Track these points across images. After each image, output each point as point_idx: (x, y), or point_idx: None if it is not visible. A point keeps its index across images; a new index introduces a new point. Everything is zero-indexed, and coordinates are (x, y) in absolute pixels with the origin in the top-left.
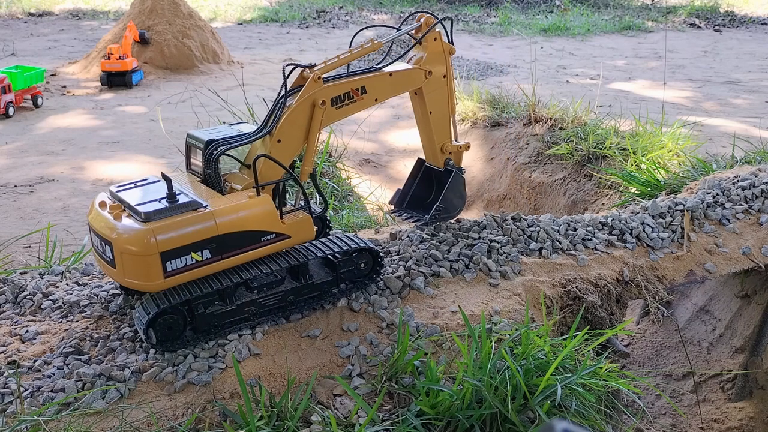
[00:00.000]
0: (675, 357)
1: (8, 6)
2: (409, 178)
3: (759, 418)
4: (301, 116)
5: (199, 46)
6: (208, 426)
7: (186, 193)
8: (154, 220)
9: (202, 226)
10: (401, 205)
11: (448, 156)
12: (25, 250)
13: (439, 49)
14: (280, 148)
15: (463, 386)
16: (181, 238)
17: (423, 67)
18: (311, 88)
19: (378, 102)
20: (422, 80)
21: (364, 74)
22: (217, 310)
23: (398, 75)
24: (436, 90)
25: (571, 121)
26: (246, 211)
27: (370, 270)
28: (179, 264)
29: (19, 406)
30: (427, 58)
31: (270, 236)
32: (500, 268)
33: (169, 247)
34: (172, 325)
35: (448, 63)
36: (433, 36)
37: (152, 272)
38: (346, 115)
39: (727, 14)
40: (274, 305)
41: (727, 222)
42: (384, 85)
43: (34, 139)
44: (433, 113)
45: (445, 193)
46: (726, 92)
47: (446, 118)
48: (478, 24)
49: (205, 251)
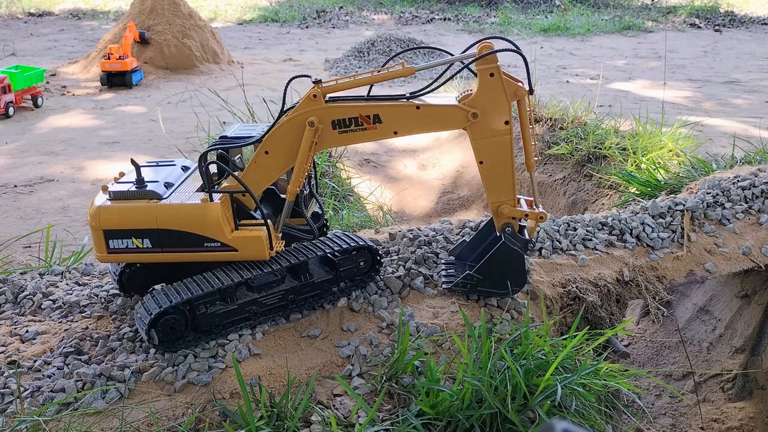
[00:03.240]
0: (675, 357)
1: (8, 6)
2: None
3: (759, 418)
4: (291, 133)
5: (199, 46)
6: (208, 426)
7: (161, 182)
8: (114, 200)
9: (144, 216)
10: (455, 253)
11: (507, 221)
12: (25, 250)
13: (496, 89)
14: (267, 159)
15: (463, 386)
16: (123, 222)
17: (467, 106)
18: (305, 106)
19: (399, 135)
20: (463, 122)
21: (383, 101)
22: (219, 310)
23: (429, 110)
24: (489, 138)
25: (571, 121)
26: (189, 214)
27: (369, 268)
28: (120, 245)
29: (19, 406)
30: (476, 96)
31: (214, 244)
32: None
33: (110, 227)
34: (174, 325)
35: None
36: (489, 70)
37: (99, 245)
38: (353, 142)
39: (727, 14)
40: (274, 304)
41: (727, 222)
42: (407, 119)
43: (34, 139)
44: (485, 164)
45: (484, 264)
46: (726, 92)
47: (505, 174)
48: (478, 24)
49: (146, 240)
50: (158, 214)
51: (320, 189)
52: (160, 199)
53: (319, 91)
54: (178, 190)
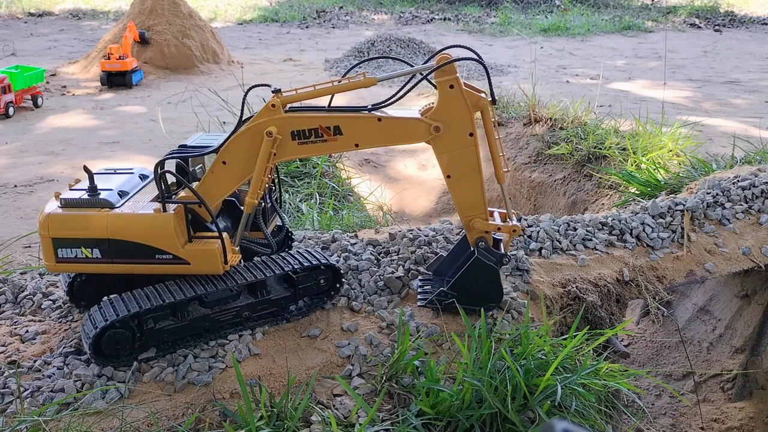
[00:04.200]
0: (675, 357)
1: (8, 6)
2: (456, 245)
3: (759, 418)
4: (249, 143)
5: (199, 46)
6: (208, 426)
7: (115, 191)
8: (65, 208)
9: (94, 225)
10: (432, 268)
11: (480, 235)
12: (25, 250)
13: (457, 102)
14: (224, 169)
15: (463, 386)
16: (73, 231)
17: (429, 119)
18: (263, 115)
19: (360, 148)
20: (426, 135)
21: (344, 113)
22: (169, 325)
23: (390, 123)
24: (454, 152)
25: (571, 121)
26: (141, 224)
27: (330, 287)
28: (69, 254)
29: (19, 406)
30: (437, 109)
31: (166, 256)
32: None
33: (59, 236)
34: (120, 340)
35: (484, 117)
36: (448, 82)
37: (48, 254)
38: (313, 153)
39: (727, 14)
40: (228, 321)
41: (727, 222)
42: (368, 131)
43: (34, 139)
44: (453, 178)
45: (458, 280)
46: (726, 92)
47: (473, 187)
48: (478, 24)
49: (95, 250)
50: (109, 223)
51: (320, 189)
52: (112, 207)
53: (278, 101)
54: (133, 199)
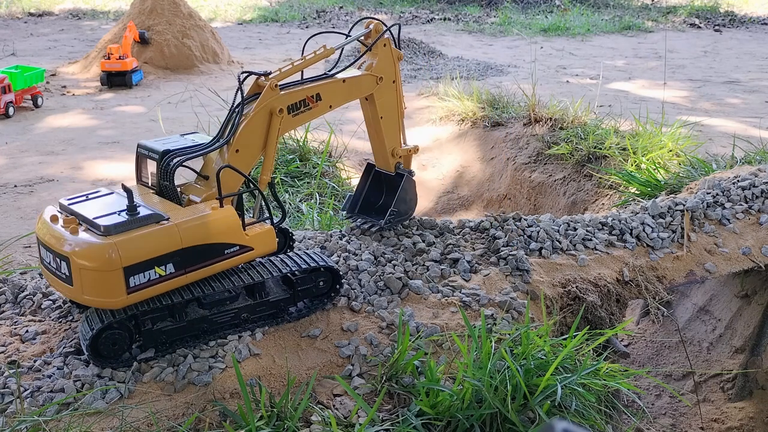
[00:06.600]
0: (675, 357)
1: (8, 6)
2: (360, 184)
3: (759, 418)
4: (259, 125)
5: (199, 46)
6: (208, 426)
7: (145, 206)
8: (114, 234)
9: (166, 239)
10: (353, 211)
11: (398, 160)
12: (25, 250)
13: (388, 56)
14: (239, 157)
15: (463, 386)
16: (145, 252)
17: (374, 73)
18: (268, 96)
19: (332, 109)
20: (374, 86)
21: (319, 81)
22: (167, 327)
23: (351, 81)
24: (387, 95)
25: (571, 121)
26: (210, 224)
27: (330, 288)
28: (142, 279)
29: (19, 406)
30: (377, 64)
31: (233, 248)
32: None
33: (132, 262)
34: (117, 341)
35: (396, 68)
36: (382, 42)
37: (114, 288)
38: (303, 122)
39: (727, 14)
40: (226, 322)
41: (727, 222)
42: (338, 92)
43: (34, 139)
44: (384, 118)
45: (398, 196)
46: (726, 92)
47: (396, 122)
48: (478, 24)
49: (169, 265)
50: (181, 232)
51: (320, 189)
52: (165, 219)
53: (275, 81)
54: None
